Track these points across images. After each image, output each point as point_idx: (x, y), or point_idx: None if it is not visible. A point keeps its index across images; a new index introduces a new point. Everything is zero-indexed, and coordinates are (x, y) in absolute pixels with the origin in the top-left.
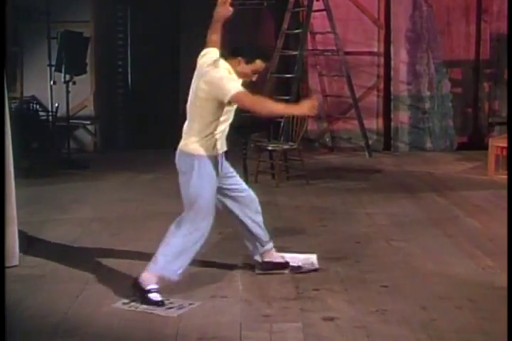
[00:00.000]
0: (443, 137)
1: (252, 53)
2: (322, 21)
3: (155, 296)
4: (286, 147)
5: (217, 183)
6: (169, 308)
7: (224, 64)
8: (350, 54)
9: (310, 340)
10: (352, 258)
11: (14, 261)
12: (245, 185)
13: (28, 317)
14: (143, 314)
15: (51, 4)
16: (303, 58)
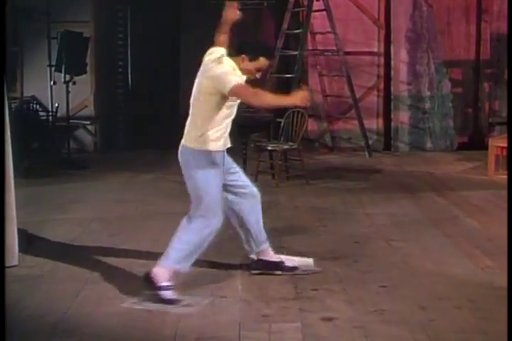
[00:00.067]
0: (443, 137)
1: (256, 51)
2: (322, 21)
3: (168, 294)
4: (286, 147)
5: (222, 179)
6: (185, 305)
7: (228, 61)
8: (350, 54)
9: (309, 340)
10: (351, 258)
11: (13, 261)
12: (249, 181)
13: (27, 317)
14: (142, 314)
15: (51, 4)
16: (303, 58)
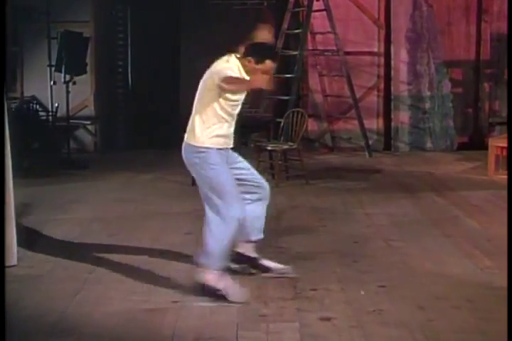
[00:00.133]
0: (443, 137)
1: (262, 53)
2: (322, 21)
3: (231, 292)
4: (285, 147)
5: (229, 169)
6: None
7: (235, 60)
8: (350, 54)
9: (307, 340)
10: (350, 258)
11: (12, 261)
12: (257, 175)
13: (26, 316)
14: (140, 314)
15: (51, 4)
16: (303, 58)
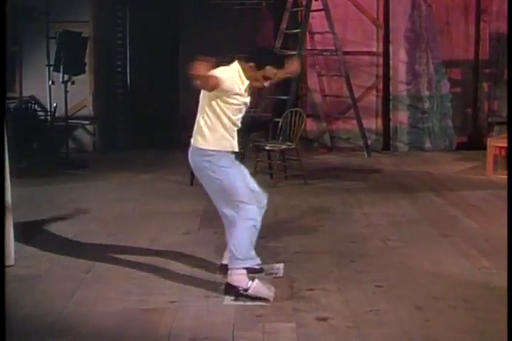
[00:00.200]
0: (442, 137)
1: (262, 59)
2: (321, 21)
3: (258, 292)
4: (284, 147)
5: (241, 172)
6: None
7: (237, 65)
8: (349, 54)
9: (303, 340)
10: (347, 258)
11: (10, 261)
12: (257, 188)
13: (24, 316)
14: (137, 314)
15: (50, 4)
16: (302, 58)
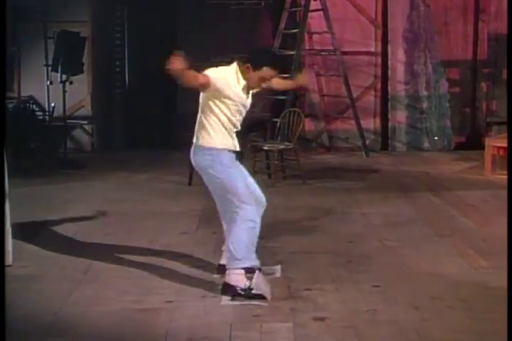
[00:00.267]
0: (440, 137)
1: (259, 60)
2: (319, 21)
3: (255, 291)
4: (282, 147)
5: (242, 172)
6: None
7: (234, 65)
8: (347, 54)
9: (300, 340)
10: (345, 257)
11: (8, 261)
12: (257, 190)
13: (21, 316)
14: (134, 314)
15: (49, 4)
16: (300, 58)
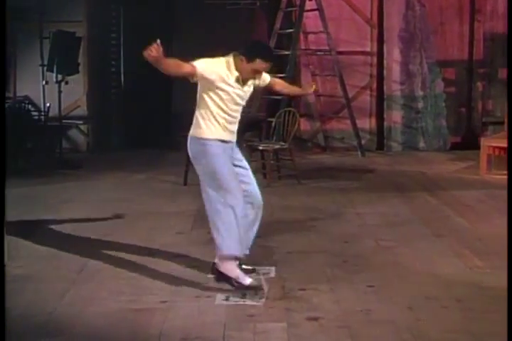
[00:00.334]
0: (436, 137)
1: (252, 52)
2: (315, 21)
3: (247, 281)
4: (277, 147)
5: (230, 160)
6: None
7: (228, 57)
8: (343, 53)
9: (294, 340)
10: (340, 257)
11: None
12: (256, 188)
13: (15, 316)
14: (128, 314)
15: (44, 4)
16: (295, 58)
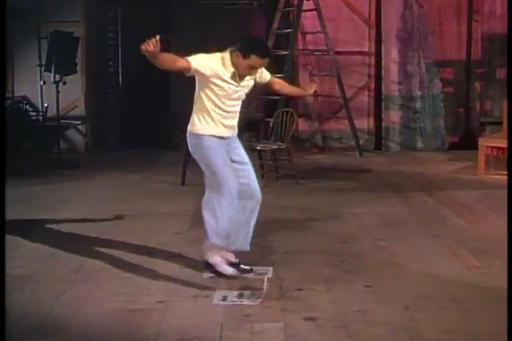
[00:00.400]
0: (434, 137)
1: (247, 48)
2: (312, 21)
3: (225, 269)
4: (275, 147)
5: (226, 153)
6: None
7: (225, 53)
8: (340, 54)
9: (290, 340)
10: (337, 258)
11: None
12: (255, 182)
13: (12, 317)
14: (125, 315)
15: (42, 4)
16: (293, 58)
